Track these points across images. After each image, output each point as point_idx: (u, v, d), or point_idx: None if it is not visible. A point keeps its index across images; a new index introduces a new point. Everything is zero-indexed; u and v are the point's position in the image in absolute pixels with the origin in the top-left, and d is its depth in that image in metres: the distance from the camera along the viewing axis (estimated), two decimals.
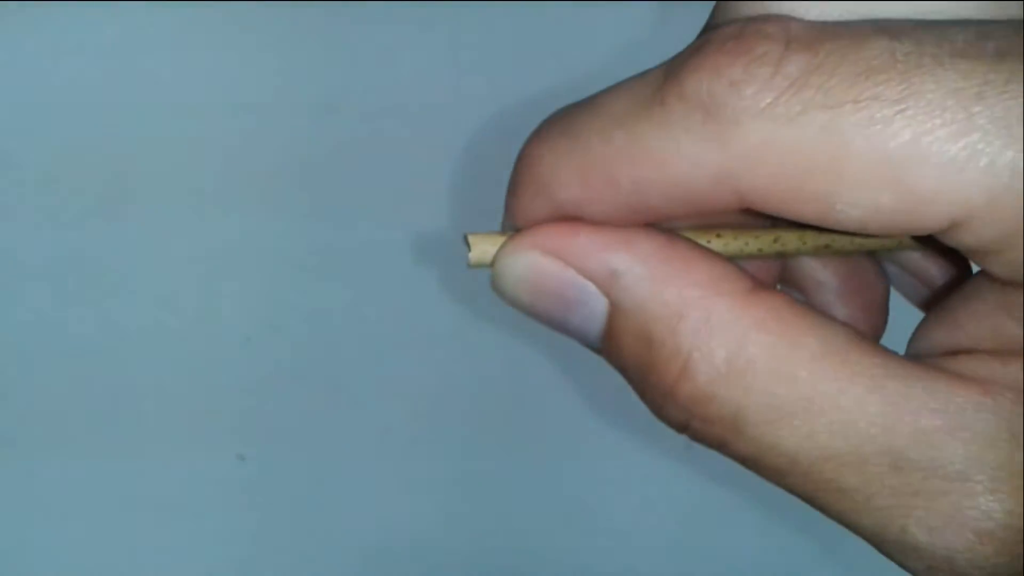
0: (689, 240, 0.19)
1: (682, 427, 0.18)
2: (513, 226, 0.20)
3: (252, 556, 0.50)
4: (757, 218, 0.20)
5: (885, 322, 0.23)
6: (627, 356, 0.18)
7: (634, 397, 0.19)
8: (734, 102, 0.16)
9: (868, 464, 0.17)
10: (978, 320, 0.17)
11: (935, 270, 0.23)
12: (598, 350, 0.19)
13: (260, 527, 0.50)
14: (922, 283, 0.23)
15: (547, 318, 0.19)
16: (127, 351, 0.49)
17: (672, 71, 0.17)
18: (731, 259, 0.20)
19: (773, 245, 0.20)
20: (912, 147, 0.15)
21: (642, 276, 0.18)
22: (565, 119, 0.18)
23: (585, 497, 0.50)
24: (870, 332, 0.23)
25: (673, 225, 0.19)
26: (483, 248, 0.20)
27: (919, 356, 0.18)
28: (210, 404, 0.49)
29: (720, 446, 0.18)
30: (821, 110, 0.16)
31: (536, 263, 0.19)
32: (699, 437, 0.18)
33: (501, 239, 0.19)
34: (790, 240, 0.20)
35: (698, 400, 0.18)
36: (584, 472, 0.50)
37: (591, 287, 0.18)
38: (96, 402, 0.49)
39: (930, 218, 0.16)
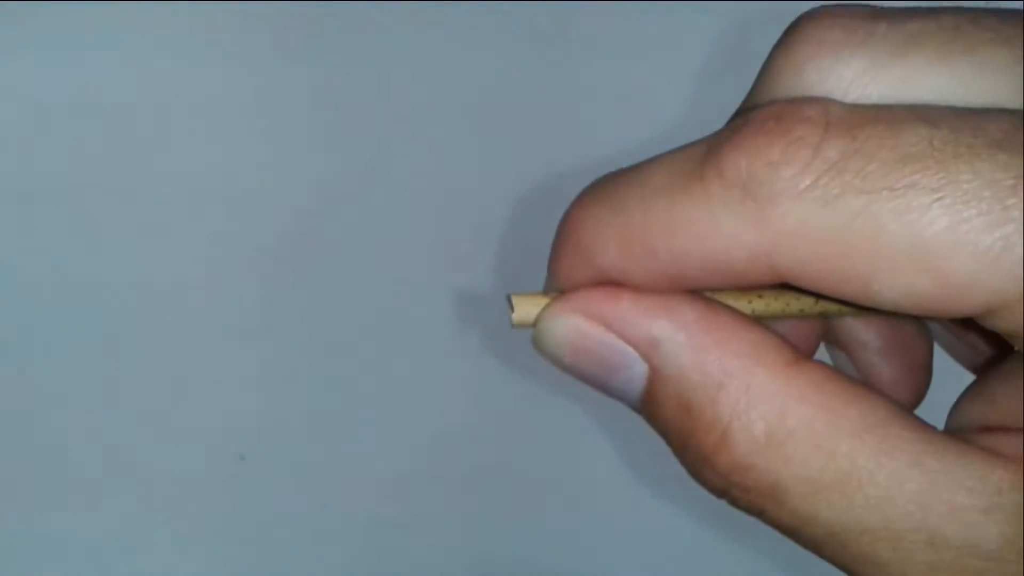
0: (730, 308, 0.19)
1: (720, 493, 0.18)
2: (556, 288, 0.20)
3: (252, 556, 0.50)
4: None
5: (928, 381, 0.23)
6: (667, 421, 0.19)
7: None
8: (772, 183, 0.16)
9: (904, 540, 0.17)
10: (1013, 397, 0.17)
11: (976, 336, 0.23)
12: (638, 410, 0.19)
13: (260, 527, 0.50)
14: (966, 344, 0.23)
15: (588, 378, 0.20)
16: (127, 350, 0.49)
17: (713, 148, 0.17)
18: (773, 320, 0.20)
19: (815, 307, 0.20)
20: (948, 235, 0.15)
21: (683, 344, 0.18)
22: (607, 187, 0.19)
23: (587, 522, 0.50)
24: (913, 391, 0.23)
25: (714, 288, 0.19)
26: (526, 309, 0.20)
27: (957, 430, 0.18)
28: (210, 404, 0.49)
29: (758, 514, 0.18)
30: (858, 195, 0.16)
31: (579, 327, 0.19)
32: (737, 504, 0.18)
33: (544, 300, 0.20)
34: (831, 302, 0.20)
35: (736, 469, 0.18)
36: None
37: (632, 352, 0.19)
38: (95, 402, 0.49)
39: (965, 304, 0.16)
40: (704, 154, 0.17)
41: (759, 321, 0.19)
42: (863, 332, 0.23)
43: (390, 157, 0.49)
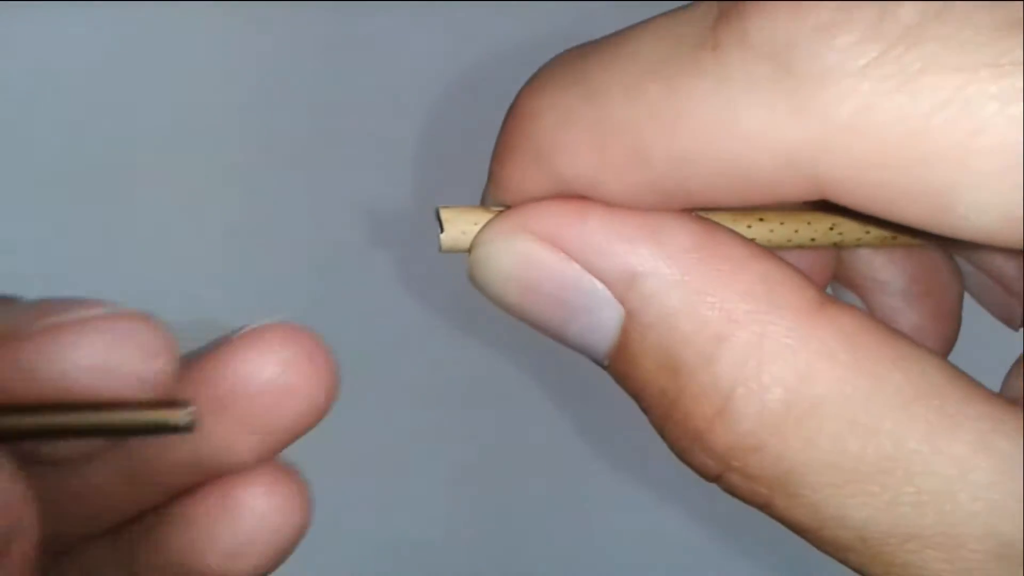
0: (734, 233, 0.14)
1: (713, 478, 0.14)
2: (500, 201, 0.15)
3: None
4: (813, 206, 0.15)
5: (957, 331, 0.19)
6: (644, 383, 0.14)
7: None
8: (821, 55, 0.12)
9: (963, 549, 0.13)
10: None
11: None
12: (605, 367, 0.15)
13: None
14: (1005, 289, 0.18)
15: (540, 323, 0.15)
16: None
17: (729, 6, 0.12)
18: (776, 251, 0.15)
19: (829, 234, 0.16)
20: None
21: (672, 281, 0.13)
22: (575, 65, 0.14)
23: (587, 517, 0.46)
24: (940, 343, 0.19)
25: (718, 208, 0.15)
26: (460, 227, 0.15)
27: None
28: None
29: (763, 506, 0.14)
30: (947, 73, 0.11)
31: (529, 253, 0.14)
32: (735, 492, 0.14)
33: (484, 216, 0.15)
34: (851, 228, 0.16)
35: (739, 450, 0.13)
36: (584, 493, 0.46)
37: (601, 290, 0.14)
38: None
39: None
40: (716, 15, 0.12)
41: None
42: (884, 269, 0.18)
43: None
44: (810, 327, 0.13)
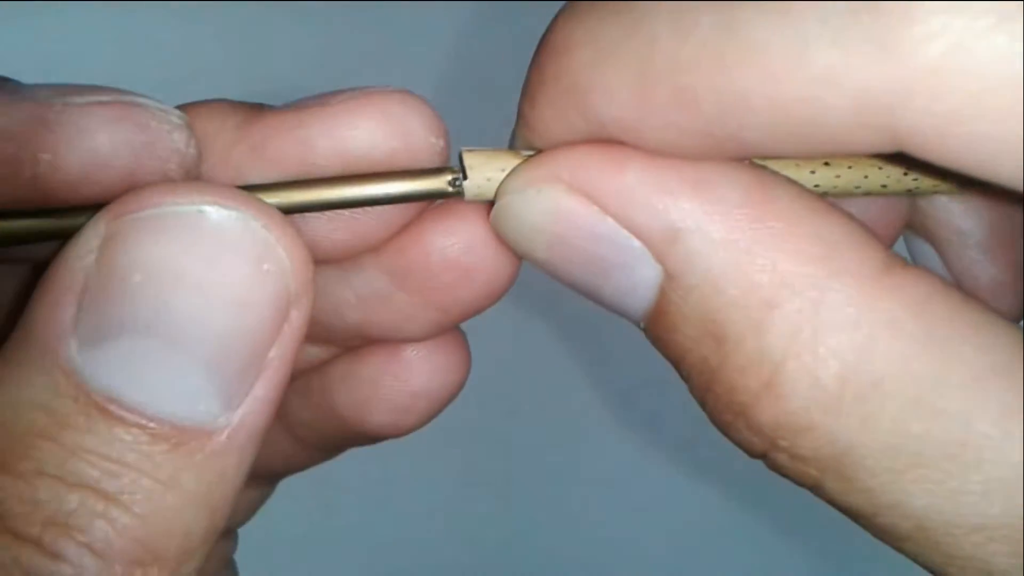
0: (791, 182, 0.13)
1: (759, 455, 0.13)
2: (528, 145, 0.14)
3: (252, 556, 0.45)
4: (885, 159, 0.14)
5: None
6: (685, 351, 0.13)
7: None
8: None
9: None
10: None
11: None
12: (643, 329, 0.13)
13: (260, 525, 0.45)
14: None
15: (571, 281, 0.14)
16: None
17: None
18: (840, 200, 0.14)
19: (904, 179, 0.14)
20: None
21: (718, 239, 0.12)
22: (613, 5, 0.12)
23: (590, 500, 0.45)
24: (1017, 302, 0.17)
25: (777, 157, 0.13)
26: (485, 173, 0.14)
27: None
28: None
29: (813, 487, 0.13)
30: None
31: (560, 204, 0.13)
32: (783, 471, 0.13)
33: (513, 161, 0.14)
34: (932, 175, 0.14)
35: (788, 429, 0.12)
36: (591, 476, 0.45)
37: (639, 247, 0.13)
38: None
39: None
40: None
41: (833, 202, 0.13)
42: (962, 218, 0.17)
43: None
44: (874, 294, 0.12)
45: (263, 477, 0.20)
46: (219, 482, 0.12)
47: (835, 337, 0.12)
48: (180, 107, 0.14)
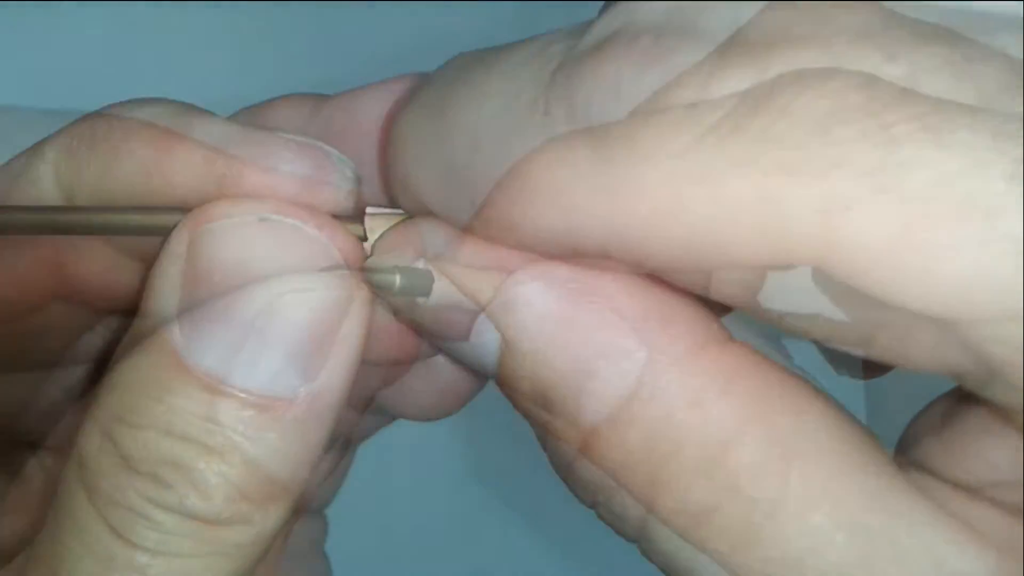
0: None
1: (588, 507, 0.14)
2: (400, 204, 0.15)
3: None
4: None
5: None
6: (524, 410, 0.14)
7: None
8: (636, 138, 0.11)
9: None
10: (1002, 460, 0.12)
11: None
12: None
13: None
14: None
15: (435, 337, 0.15)
16: None
17: (568, 61, 0.12)
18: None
19: None
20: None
21: (544, 311, 0.13)
22: (441, 93, 0.13)
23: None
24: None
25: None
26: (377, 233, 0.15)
27: (914, 463, 0.13)
28: None
29: (636, 543, 0.14)
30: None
31: (415, 271, 0.14)
32: (608, 525, 0.14)
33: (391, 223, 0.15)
34: None
35: (603, 489, 0.13)
36: None
37: (483, 316, 0.14)
38: None
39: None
40: (554, 68, 0.12)
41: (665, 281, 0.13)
42: None
43: None
44: (684, 368, 0.13)
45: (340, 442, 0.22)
46: (301, 442, 0.14)
47: (643, 407, 0.12)
48: (261, 105, 0.17)
